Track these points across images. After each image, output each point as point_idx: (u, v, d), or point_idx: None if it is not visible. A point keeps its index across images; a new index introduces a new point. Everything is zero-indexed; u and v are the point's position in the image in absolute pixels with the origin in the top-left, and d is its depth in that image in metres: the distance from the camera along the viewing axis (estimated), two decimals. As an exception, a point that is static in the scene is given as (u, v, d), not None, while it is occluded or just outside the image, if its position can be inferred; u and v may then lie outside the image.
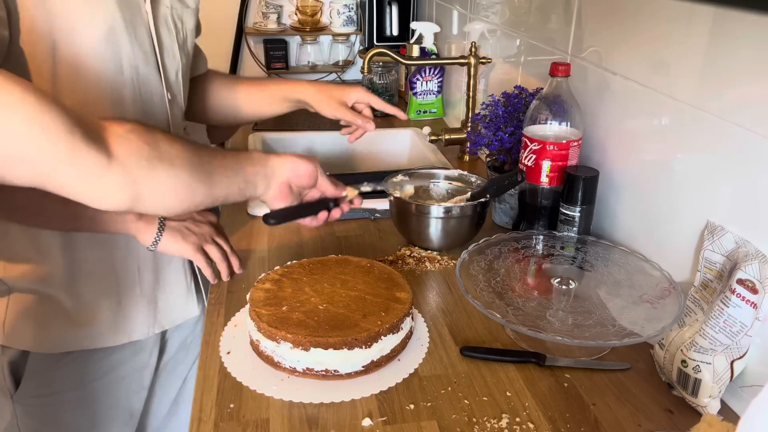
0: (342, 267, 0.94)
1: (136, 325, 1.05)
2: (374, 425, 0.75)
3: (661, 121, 0.94)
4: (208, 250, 1.00)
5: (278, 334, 0.80)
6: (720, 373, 0.76)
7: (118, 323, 1.02)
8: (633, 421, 0.76)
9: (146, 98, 0.96)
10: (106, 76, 0.90)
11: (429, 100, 1.93)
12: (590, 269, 0.99)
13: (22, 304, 0.97)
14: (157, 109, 0.98)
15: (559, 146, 1.05)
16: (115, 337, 1.03)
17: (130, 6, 0.91)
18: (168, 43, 0.99)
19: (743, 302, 0.73)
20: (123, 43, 0.90)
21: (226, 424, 0.75)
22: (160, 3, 0.97)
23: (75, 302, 0.98)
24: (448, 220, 1.10)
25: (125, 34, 0.90)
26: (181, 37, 1.02)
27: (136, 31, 0.92)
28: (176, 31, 1.01)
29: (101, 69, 0.90)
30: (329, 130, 1.73)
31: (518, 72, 1.46)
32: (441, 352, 0.88)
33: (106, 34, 0.88)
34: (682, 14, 0.88)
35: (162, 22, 0.98)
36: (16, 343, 0.98)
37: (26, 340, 0.98)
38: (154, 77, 0.97)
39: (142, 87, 0.95)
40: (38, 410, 1.02)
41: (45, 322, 0.98)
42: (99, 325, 1.01)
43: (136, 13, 0.92)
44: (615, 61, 1.05)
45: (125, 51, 0.91)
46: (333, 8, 2.26)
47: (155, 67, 0.97)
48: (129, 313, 1.03)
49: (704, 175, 0.86)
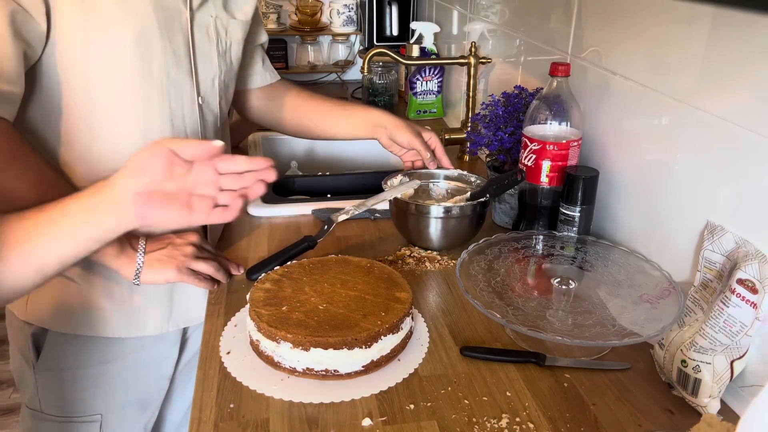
0: (342, 267, 0.94)
1: (149, 320, 1.07)
2: (374, 425, 0.75)
3: (661, 120, 0.94)
4: (195, 267, 0.97)
5: (278, 334, 0.80)
6: (720, 373, 0.76)
7: (130, 316, 1.05)
8: (633, 421, 0.76)
9: (175, 101, 0.98)
10: (134, 76, 0.93)
11: (429, 100, 1.93)
12: (590, 269, 0.99)
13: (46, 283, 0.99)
14: (187, 113, 1.01)
15: (559, 146, 1.05)
16: (127, 330, 1.05)
17: (168, 10, 0.94)
18: (206, 50, 1.02)
19: (743, 302, 0.73)
20: (155, 45, 0.93)
21: (226, 424, 0.75)
22: (203, 11, 1.00)
23: (88, 288, 1.01)
24: (447, 220, 1.10)
25: (158, 37, 0.93)
26: (223, 46, 1.05)
27: (171, 36, 0.95)
28: (218, 40, 1.03)
29: (131, 68, 0.92)
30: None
31: (518, 72, 1.46)
32: (441, 352, 0.88)
33: (137, 36, 0.91)
34: (682, 14, 0.88)
35: (203, 29, 1.00)
36: (35, 320, 1.03)
37: (44, 318, 1.02)
38: (185, 82, 0.99)
39: (171, 90, 0.97)
40: (56, 383, 1.06)
41: (61, 304, 1.01)
42: (111, 314, 1.03)
43: (174, 18, 0.95)
44: (615, 61, 1.05)
45: (156, 53, 0.93)
46: (333, 8, 2.26)
47: (188, 72, 0.99)
48: (142, 307, 1.05)
49: (704, 175, 0.86)
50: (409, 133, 1.22)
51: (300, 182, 1.49)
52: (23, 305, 1.02)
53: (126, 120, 0.95)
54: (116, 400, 1.10)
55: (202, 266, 0.98)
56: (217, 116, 1.07)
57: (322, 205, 1.27)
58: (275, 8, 2.24)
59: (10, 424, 2.15)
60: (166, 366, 1.15)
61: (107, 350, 1.06)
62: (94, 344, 1.05)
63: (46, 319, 1.02)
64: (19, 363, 1.08)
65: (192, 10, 0.97)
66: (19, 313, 1.03)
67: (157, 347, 1.12)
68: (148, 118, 0.96)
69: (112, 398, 1.09)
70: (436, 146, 1.25)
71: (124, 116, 0.94)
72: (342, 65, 2.37)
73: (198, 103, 1.02)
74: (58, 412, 1.07)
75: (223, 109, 1.09)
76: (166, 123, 0.98)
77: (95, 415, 1.08)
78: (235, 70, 1.11)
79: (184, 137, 1.00)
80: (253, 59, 1.22)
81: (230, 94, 1.12)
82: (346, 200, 1.22)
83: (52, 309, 1.02)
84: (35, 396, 1.07)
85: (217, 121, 1.08)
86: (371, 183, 1.38)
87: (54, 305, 1.01)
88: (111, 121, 0.94)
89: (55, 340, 1.04)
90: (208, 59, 1.02)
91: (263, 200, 1.30)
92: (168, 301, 1.07)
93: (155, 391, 1.16)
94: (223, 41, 1.05)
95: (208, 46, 1.02)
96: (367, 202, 1.12)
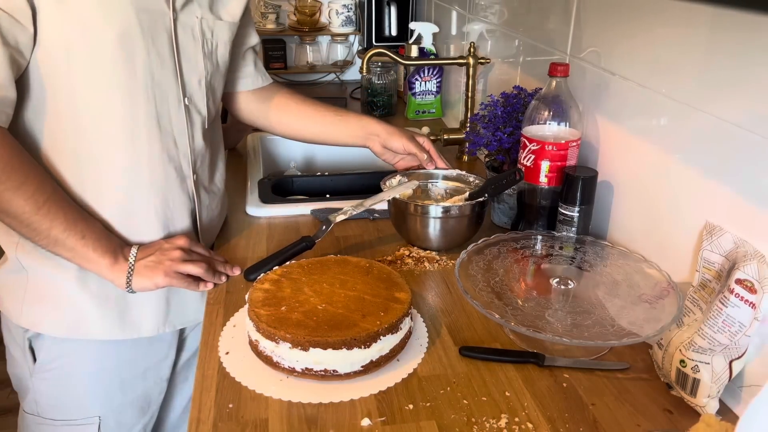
0: (341, 267, 0.94)
1: (144, 322, 1.06)
2: (373, 425, 0.75)
3: (660, 121, 0.94)
4: (183, 270, 0.98)
5: (277, 333, 0.79)
6: (718, 373, 0.76)
7: (124, 318, 1.04)
8: (632, 421, 0.76)
9: (161, 103, 0.98)
10: (118, 78, 0.93)
11: (428, 101, 1.93)
12: (589, 269, 0.99)
13: (39, 288, 1.01)
14: (174, 113, 1.00)
15: (557, 146, 1.05)
16: (122, 332, 1.05)
17: (150, 12, 0.94)
18: (191, 51, 1.01)
19: (742, 302, 0.73)
20: (138, 47, 0.93)
21: (225, 424, 0.75)
22: (188, 12, 0.99)
23: (83, 291, 1.01)
24: (446, 220, 1.10)
25: (141, 39, 0.93)
26: (209, 47, 1.04)
27: (155, 37, 0.95)
28: (203, 41, 1.03)
29: (114, 70, 0.92)
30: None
31: (517, 72, 1.46)
32: (440, 352, 0.88)
33: (119, 38, 0.91)
34: (682, 14, 0.88)
35: (188, 30, 1.00)
36: (31, 324, 1.03)
37: (40, 322, 1.02)
38: (170, 83, 0.99)
39: (156, 91, 0.97)
40: (53, 387, 1.06)
41: (56, 308, 1.01)
42: (106, 317, 1.03)
43: (157, 20, 0.95)
44: (614, 62, 1.05)
45: (140, 55, 0.93)
46: (332, 8, 2.26)
47: (173, 73, 0.99)
48: (137, 309, 1.05)
49: (703, 176, 0.86)
50: (404, 138, 1.22)
51: (299, 182, 1.49)
52: (18, 310, 1.02)
53: (111, 121, 0.95)
54: (114, 402, 1.09)
55: (190, 268, 0.98)
56: (205, 117, 1.07)
57: (321, 206, 1.27)
58: (274, 8, 2.24)
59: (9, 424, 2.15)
60: (164, 367, 1.15)
61: (103, 353, 1.06)
62: (90, 347, 1.05)
63: (42, 323, 1.02)
64: (15, 367, 1.08)
65: (175, 11, 0.97)
66: (15, 317, 1.03)
67: (154, 348, 1.11)
68: (134, 120, 0.96)
69: (110, 400, 1.09)
70: (430, 148, 1.25)
71: (109, 118, 0.94)
72: (341, 65, 2.37)
73: (184, 104, 1.01)
74: (57, 416, 1.07)
75: (210, 110, 1.08)
76: (152, 124, 0.98)
77: (93, 417, 1.08)
78: (222, 71, 1.10)
79: (171, 139, 1.01)
80: (244, 61, 1.21)
81: (218, 95, 1.11)
82: (345, 200, 1.22)
83: (47, 313, 1.01)
84: (33, 400, 1.07)
85: (205, 122, 1.07)
86: (370, 183, 1.38)
87: (49, 309, 1.01)
88: (96, 122, 0.94)
89: (51, 344, 1.03)
90: (194, 60, 1.02)
91: (262, 200, 1.30)
92: (164, 303, 1.07)
93: (154, 392, 1.15)
94: (209, 42, 1.04)
95: (193, 47, 1.01)
96: (366, 202, 1.12)
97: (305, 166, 1.74)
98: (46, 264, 0.98)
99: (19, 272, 1.01)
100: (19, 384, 1.09)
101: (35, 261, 0.99)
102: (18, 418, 1.12)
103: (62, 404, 1.07)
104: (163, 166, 1.00)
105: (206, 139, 1.08)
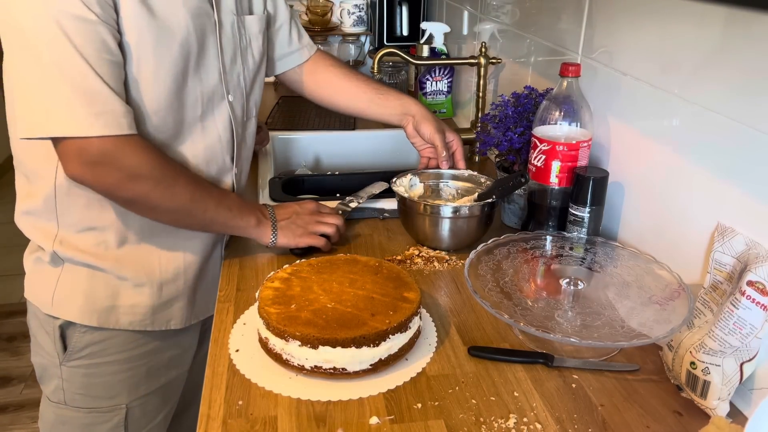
0: (350, 266, 0.95)
1: (175, 313, 1.10)
2: (381, 424, 0.75)
3: (671, 121, 0.94)
4: (318, 230, 1.09)
5: (287, 331, 0.80)
6: (729, 376, 0.75)
7: (156, 310, 1.08)
8: (641, 423, 0.76)
9: (207, 100, 1.02)
10: (172, 82, 0.96)
11: (438, 100, 1.93)
12: (599, 270, 0.98)
13: (73, 278, 1.03)
14: (218, 112, 1.04)
15: (568, 147, 1.05)
16: (153, 323, 1.08)
17: (200, 16, 0.98)
18: (231, 49, 1.05)
19: (753, 304, 0.73)
20: (192, 51, 0.97)
21: (235, 421, 0.75)
22: (225, 11, 1.03)
23: (119, 282, 1.04)
24: (456, 220, 1.10)
25: (195, 44, 0.97)
26: (245, 42, 1.09)
27: (205, 40, 0.99)
28: (240, 37, 1.07)
29: (172, 74, 0.95)
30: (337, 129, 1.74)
31: (528, 72, 1.45)
32: (449, 352, 0.88)
33: (180, 46, 0.95)
34: (694, 14, 0.87)
35: (227, 29, 1.04)
36: (63, 314, 1.05)
37: (72, 311, 1.04)
38: (215, 80, 1.03)
39: (203, 89, 1.01)
40: (82, 376, 1.08)
41: (91, 297, 1.04)
42: (138, 308, 1.06)
43: (205, 22, 0.99)
44: (625, 62, 1.05)
45: (192, 59, 0.98)
46: (343, 8, 2.27)
47: (218, 72, 1.03)
48: (169, 301, 1.08)
49: (715, 177, 0.85)
50: (433, 127, 1.23)
51: (309, 181, 1.49)
52: (49, 299, 1.04)
53: (162, 123, 0.97)
54: (140, 391, 1.12)
55: (322, 228, 1.10)
56: (246, 113, 1.12)
57: (331, 204, 1.27)
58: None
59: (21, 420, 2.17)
60: (187, 357, 1.18)
61: (133, 342, 1.08)
62: (120, 337, 1.07)
63: (74, 312, 1.04)
64: (42, 356, 1.10)
65: (218, 12, 1.01)
66: (44, 307, 1.05)
67: (180, 338, 1.14)
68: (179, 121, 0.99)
69: (136, 389, 1.11)
70: (457, 149, 1.26)
71: (160, 121, 0.97)
72: (352, 65, 2.37)
73: (228, 100, 1.05)
74: (83, 404, 1.09)
75: (250, 106, 1.13)
76: (196, 123, 1.02)
77: (120, 406, 1.10)
78: (258, 64, 1.14)
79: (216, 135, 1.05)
80: (283, 41, 1.24)
81: (257, 89, 1.15)
82: (355, 200, 1.23)
83: (80, 303, 1.04)
84: (60, 388, 1.08)
85: (245, 118, 1.12)
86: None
87: (81, 299, 1.03)
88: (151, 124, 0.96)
89: (83, 333, 1.06)
90: (233, 57, 1.06)
91: (273, 198, 1.31)
92: (192, 294, 1.10)
93: (176, 382, 1.18)
94: (244, 38, 1.08)
95: (232, 44, 1.05)
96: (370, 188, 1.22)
97: (315, 165, 1.74)
98: (84, 257, 1.01)
99: (55, 264, 1.03)
100: (44, 373, 1.11)
101: (75, 254, 1.01)
102: (40, 407, 1.13)
103: (90, 393, 1.09)
104: (206, 162, 1.04)
105: (246, 134, 1.13)
